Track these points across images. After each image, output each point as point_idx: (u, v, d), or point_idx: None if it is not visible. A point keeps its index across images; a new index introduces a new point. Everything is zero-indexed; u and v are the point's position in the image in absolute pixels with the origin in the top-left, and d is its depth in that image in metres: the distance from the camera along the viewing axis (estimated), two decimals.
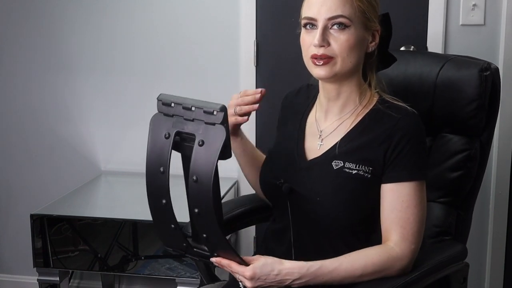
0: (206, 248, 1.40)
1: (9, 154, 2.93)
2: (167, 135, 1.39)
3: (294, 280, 1.39)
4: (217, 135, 1.32)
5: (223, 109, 1.35)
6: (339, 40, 1.46)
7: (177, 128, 1.39)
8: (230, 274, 1.48)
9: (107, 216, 2.34)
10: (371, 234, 1.52)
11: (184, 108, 1.40)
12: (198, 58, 2.68)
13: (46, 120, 2.86)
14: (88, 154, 2.86)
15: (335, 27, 1.46)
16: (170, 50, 2.70)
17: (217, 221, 1.32)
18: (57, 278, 2.37)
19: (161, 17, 2.68)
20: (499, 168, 2.50)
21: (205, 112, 1.36)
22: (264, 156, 1.73)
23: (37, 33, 2.79)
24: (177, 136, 1.38)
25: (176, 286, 2.30)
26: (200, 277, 2.23)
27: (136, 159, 2.80)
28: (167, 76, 2.72)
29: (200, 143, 1.34)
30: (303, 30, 1.52)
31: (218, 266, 1.42)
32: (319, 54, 1.46)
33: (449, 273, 1.60)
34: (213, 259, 1.39)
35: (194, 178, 1.32)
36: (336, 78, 1.51)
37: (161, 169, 1.37)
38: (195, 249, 1.41)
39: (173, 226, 1.38)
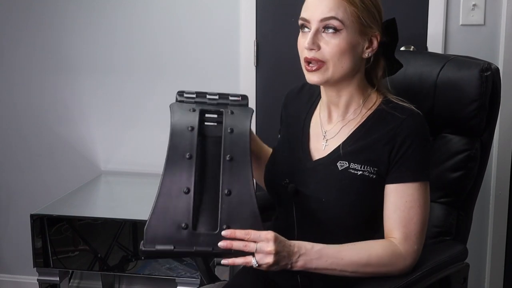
0: (209, 235, 1.32)
1: (9, 154, 2.93)
2: (192, 110, 1.42)
3: (300, 256, 1.38)
4: (246, 112, 1.44)
5: (246, 96, 1.49)
6: (330, 44, 1.45)
7: (202, 107, 1.44)
8: (230, 274, 1.46)
9: (107, 216, 2.34)
10: (375, 234, 1.51)
11: (208, 95, 1.46)
12: (198, 58, 2.68)
13: (46, 120, 2.86)
14: (88, 154, 2.86)
15: (329, 31, 1.45)
16: (170, 50, 2.70)
17: (251, 169, 1.34)
18: (57, 278, 2.37)
19: (161, 17, 2.68)
20: (499, 168, 2.50)
21: (230, 98, 1.46)
22: (268, 149, 1.73)
23: (37, 33, 2.79)
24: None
25: (176, 286, 2.30)
26: (200, 277, 2.23)
27: (136, 159, 2.80)
28: (167, 76, 2.72)
29: (230, 112, 1.42)
30: (300, 32, 1.52)
31: (223, 254, 1.33)
32: (309, 57, 1.47)
33: (450, 273, 1.60)
34: (225, 232, 1.32)
35: (229, 129, 1.38)
36: (330, 84, 1.51)
37: (189, 127, 1.38)
38: (196, 232, 1.33)
39: (185, 191, 1.34)
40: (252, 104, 2.63)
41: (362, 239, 1.49)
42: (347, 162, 1.49)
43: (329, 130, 1.57)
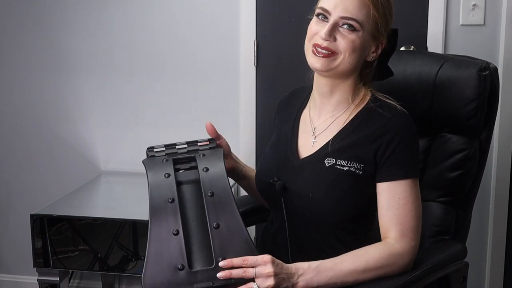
0: (204, 271, 1.34)
1: (9, 154, 2.93)
2: (164, 160, 1.49)
3: (299, 276, 1.38)
4: (216, 152, 1.50)
5: (214, 139, 1.57)
6: (346, 39, 1.47)
7: (173, 157, 1.50)
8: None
9: (107, 216, 2.34)
10: (368, 232, 1.53)
11: (177, 146, 1.54)
12: (198, 58, 2.68)
13: (46, 120, 2.86)
14: (88, 154, 2.86)
15: (344, 26, 1.47)
16: (170, 50, 2.70)
17: (234, 200, 1.38)
18: (57, 278, 2.37)
19: (161, 17, 2.68)
20: (499, 168, 2.50)
21: (199, 143, 1.53)
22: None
23: (37, 33, 2.79)
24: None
25: None
26: None
27: (136, 159, 2.78)
28: (167, 76, 2.72)
29: (202, 155, 1.50)
30: (314, 18, 1.53)
31: (224, 286, 1.34)
32: (322, 45, 1.48)
33: (449, 272, 1.61)
34: (222, 263, 1.33)
35: (204, 169, 1.44)
36: (330, 74, 1.52)
37: (166, 174, 1.43)
38: (193, 270, 1.34)
39: (174, 232, 1.36)
40: (252, 104, 2.64)
41: (356, 237, 1.51)
42: (334, 159, 1.50)
43: (318, 126, 1.59)
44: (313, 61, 1.50)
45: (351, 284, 1.42)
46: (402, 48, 2.42)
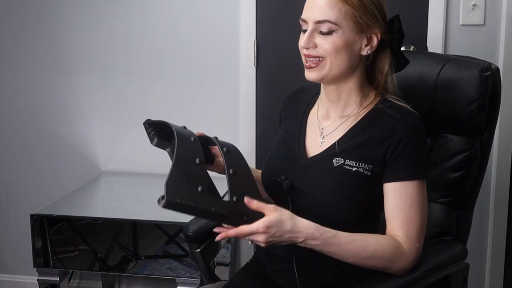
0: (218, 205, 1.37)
1: (9, 154, 2.93)
2: (193, 139, 1.49)
3: (305, 240, 1.39)
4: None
5: None
6: (326, 42, 1.48)
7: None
8: (230, 274, 1.45)
9: (107, 216, 2.34)
10: (373, 233, 1.51)
11: None
12: (198, 58, 2.68)
13: (46, 120, 2.86)
14: (88, 154, 2.86)
15: (322, 30, 1.48)
16: (170, 50, 2.70)
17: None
18: (57, 278, 2.38)
19: (161, 17, 2.68)
20: (499, 168, 2.50)
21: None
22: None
23: (37, 33, 2.79)
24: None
25: (176, 286, 2.30)
26: (200, 277, 2.23)
27: (136, 159, 2.80)
28: (167, 76, 2.72)
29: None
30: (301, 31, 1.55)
31: (234, 222, 1.36)
32: (308, 54, 1.50)
33: (449, 273, 1.60)
34: (247, 199, 1.36)
35: (215, 137, 1.53)
36: (328, 81, 1.53)
37: (193, 138, 1.46)
38: (212, 196, 1.37)
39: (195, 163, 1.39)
40: (252, 104, 2.65)
41: None
42: (342, 159, 1.50)
43: (326, 126, 1.59)
44: (307, 73, 1.52)
45: (350, 262, 1.43)
46: (402, 48, 2.41)
